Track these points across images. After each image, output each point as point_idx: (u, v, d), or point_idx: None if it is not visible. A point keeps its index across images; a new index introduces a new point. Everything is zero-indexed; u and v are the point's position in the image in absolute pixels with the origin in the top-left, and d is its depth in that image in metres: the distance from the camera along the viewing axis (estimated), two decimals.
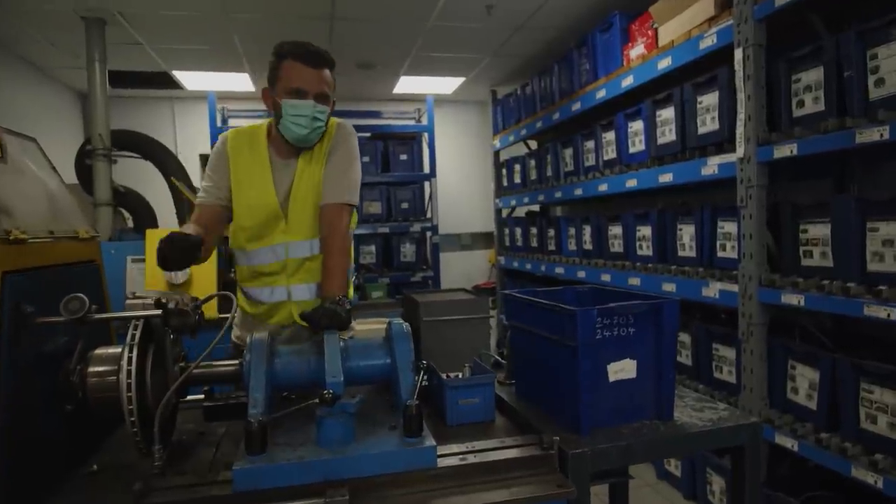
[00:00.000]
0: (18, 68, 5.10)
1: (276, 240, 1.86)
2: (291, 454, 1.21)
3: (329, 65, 1.83)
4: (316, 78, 1.79)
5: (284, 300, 1.90)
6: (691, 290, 2.97)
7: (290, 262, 1.87)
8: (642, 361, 1.49)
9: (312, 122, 1.78)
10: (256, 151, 1.88)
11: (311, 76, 1.78)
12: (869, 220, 2.11)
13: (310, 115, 1.76)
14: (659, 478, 3.48)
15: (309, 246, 1.89)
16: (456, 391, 1.53)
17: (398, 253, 5.90)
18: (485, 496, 1.21)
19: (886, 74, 2.04)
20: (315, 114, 1.77)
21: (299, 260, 1.88)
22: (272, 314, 1.93)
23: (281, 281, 1.88)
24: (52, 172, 1.75)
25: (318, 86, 1.78)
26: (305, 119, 1.76)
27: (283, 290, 1.89)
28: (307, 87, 1.77)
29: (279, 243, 1.86)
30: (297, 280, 1.89)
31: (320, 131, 1.83)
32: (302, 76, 1.77)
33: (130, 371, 1.24)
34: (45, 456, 1.29)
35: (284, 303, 1.90)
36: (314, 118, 1.77)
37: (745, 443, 1.51)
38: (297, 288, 1.89)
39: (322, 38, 4.82)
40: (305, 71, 1.78)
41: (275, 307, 1.91)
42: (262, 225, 1.86)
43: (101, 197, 3.85)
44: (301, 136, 1.79)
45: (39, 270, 1.39)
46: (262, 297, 1.91)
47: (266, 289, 1.90)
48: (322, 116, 1.80)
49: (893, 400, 2.04)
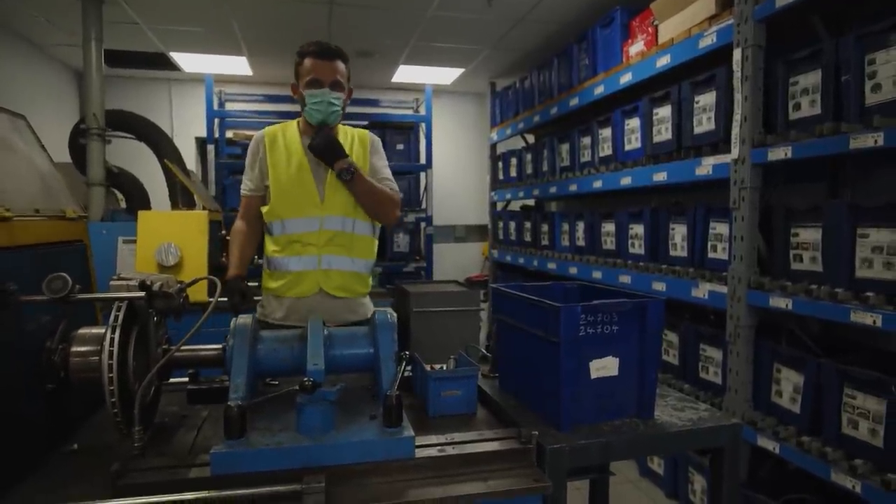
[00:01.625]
0: (15, 45, 5.04)
1: (312, 213, 2.09)
2: (270, 440, 1.22)
3: (341, 57, 2.11)
4: (329, 69, 2.06)
5: (312, 269, 2.09)
6: (681, 290, 2.97)
7: (323, 233, 2.09)
8: (625, 360, 1.50)
9: (328, 107, 2.05)
10: (290, 139, 2.16)
11: (324, 68, 2.06)
12: (859, 227, 2.12)
13: (326, 100, 2.05)
14: (641, 475, 3.50)
15: (341, 221, 2.11)
16: (439, 383, 1.54)
17: (392, 243, 5.90)
18: (461, 488, 1.21)
19: (883, 80, 2.03)
20: (330, 99, 2.05)
21: (332, 232, 2.10)
22: (294, 285, 2.10)
23: (312, 250, 2.09)
24: (40, 150, 1.74)
25: (331, 75, 2.06)
26: (322, 104, 2.05)
27: (312, 260, 2.09)
28: (322, 78, 2.05)
29: (315, 216, 2.09)
30: (328, 251, 2.10)
31: (337, 114, 2.10)
32: (317, 69, 2.06)
33: (112, 352, 1.24)
34: (25, 434, 1.29)
35: (311, 272, 2.09)
36: (330, 103, 2.05)
37: (724, 443, 1.51)
38: (327, 258, 2.10)
39: (321, 24, 4.79)
40: (320, 64, 2.06)
41: (300, 276, 2.10)
42: (299, 198, 2.09)
43: (95, 177, 3.81)
44: (321, 119, 2.06)
45: (24, 249, 1.38)
46: (290, 266, 2.10)
47: (294, 257, 2.10)
48: (337, 101, 2.07)
49: (875, 406, 2.05)
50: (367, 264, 2.22)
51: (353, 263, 2.15)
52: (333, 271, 2.10)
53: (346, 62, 2.12)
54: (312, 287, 2.09)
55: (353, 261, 2.15)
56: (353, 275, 2.16)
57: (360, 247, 2.17)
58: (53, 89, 5.82)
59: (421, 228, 6.17)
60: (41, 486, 1.20)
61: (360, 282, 2.20)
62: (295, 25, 4.80)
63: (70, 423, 1.49)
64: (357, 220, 2.14)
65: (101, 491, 1.14)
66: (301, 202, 2.08)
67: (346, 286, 2.13)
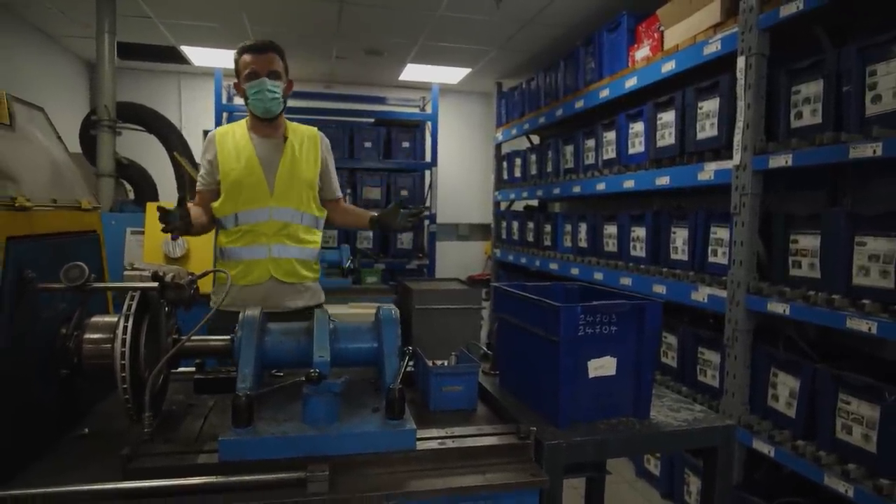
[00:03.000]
0: (28, 35, 5.10)
1: (263, 203, 2.20)
2: (276, 429, 1.26)
3: (275, 50, 2.21)
4: (264, 60, 2.17)
5: (263, 258, 2.21)
6: (681, 294, 3.01)
7: (273, 224, 2.21)
8: (622, 360, 1.53)
9: (268, 94, 2.16)
10: (239, 135, 2.27)
11: (259, 60, 2.17)
12: (857, 235, 2.15)
13: (263, 88, 2.15)
14: (638, 476, 3.54)
15: (290, 213, 2.24)
16: (440, 378, 1.58)
17: (395, 240, 5.93)
18: (460, 480, 1.25)
19: (883, 91, 2.06)
20: (268, 87, 2.15)
21: (281, 223, 2.22)
22: (246, 273, 2.21)
23: (262, 240, 2.21)
24: (57, 142, 1.78)
25: (266, 66, 2.17)
26: (261, 93, 2.15)
27: (263, 249, 2.21)
28: (258, 69, 2.16)
29: (265, 206, 2.21)
30: (277, 241, 2.22)
31: (278, 102, 2.19)
32: (253, 62, 2.17)
33: (125, 340, 1.27)
34: (40, 417, 1.33)
35: (261, 261, 2.21)
36: (268, 90, 2.16)
37: (717, 444, 1.55)
38: (277, 247, 2.23)
39: (331, 21, 4.83)
40: (255, 58, 2.18)
41: (251, 265, 2.21)
42: (250, 190, 2.19)
43: (104, 168, 3.87)
44: (263, 108, 2.18)
45: (42, 238, 1.42)
46: (242, 255, 2.22)
47: (246, 247, 2.21)
48: (275, 89, 2.17)
49: (869, 412, 2.09)
50: (313, 252, 2.35)
51: (301, 252, 2.29)
52: (283, 259, 2.23)
53: (281, 56, 2.22)
54: (264, 275, 2.21)
55: (301, 249, 2.28)
56: (302, 262, 2.29)
57: (307, 237, 2.31)
58: (65, 80, 5.88)
59: (424, 226, 6.21)
60: (54, 468, 1.24)
61: (308, 268, 2.33)
62: (305, 22, 4.84)
63: (81, 408, 1.53)
64: (305, 214, 2.28)
65: (111, 474, 1.18)
66: (252, 194, 2.20)
67: (294, 272, 2.26)
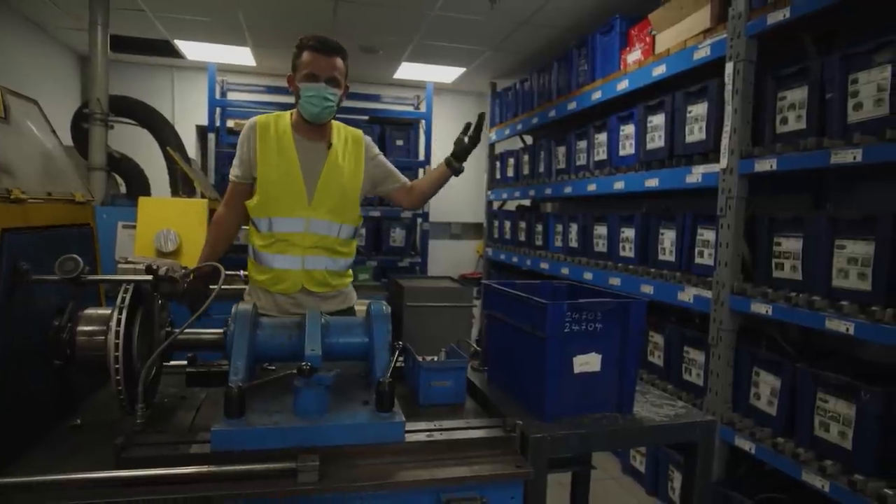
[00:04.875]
0: (20, 26, 5.07)
1: (299, 213, 2.09)
2: (268, 420, 1.28)
3: (340, 53, 2.09)
4: (327, 64, 2.05)
5: (296, 269, 2.10)
6: (668, 294, 3.06)
7: (308, 236, 2.10)
8: (607, 356, 1.57)
9: (323, 102, 2.04)
10: (281, 131, 2.13)
11: (323, 63, 2.04)
12: (838, 238, 2.20)
13: (321, 95, 2.03)
14: (624, 472, 3.59)
15: (327, 226, 2.12)
16: (429, 373, 1.61)
17: (388, 237, 5.96)
18: (447, 471, 1.28)
19: (865, 99, 2.11)
20: (325, 94, 2.04)
21: (317, 236, 2.11)
22: (277, 282, 2.12)
23: (296, 251, 2.10)
24: (51, 135, 1.79)
25: (328, 71, 2.05)
26: (317, 98, 2.04)
27: (297, 260, 2.10)
28: (319, 72, 2.04)
29: (302, 217, 2.09)
30: (312, 252, 2.11)
31: (331, 110, 2.09)
32: (315, 63, 2.04)
33: (119, 332, 1.29)
34: (33, 407, 1.35)
35: (294, 271, 2.10)
36: (324, 98, 2.04)
37: (698, 439, 1.59)
38: (311, 259, 2.12)
39: (326, 19, 4.84)
40: (318, 59, 2.05)
41: (282, 274, 2.11)
42: (287, 198, 2.08)
43: (96, 161, 3.86)
44: (315, 114, 2.06)
45: (36, 230, 1.44)
46: (273, 263, 2.11)
47: (279, 255, 2.10)
48: (332, 97, 2.06)
49: (846, 410, 2.14)
50: (347, 263, 2.26)
51: (335, 263, 2.18)
52: (316, 271, 2.13)
53: (345, 59, 2.11)
54: (295, 285, 2.11)
55: (335, 261, 2.18)
56: (335, 273, 2.20)
57: (343, 249, 2.20)
58: (56, 72, 5.85)
59: (417, 224, 6.24)
60: (47, 457, 1.26)
61: (341, 277, 2.24)
62: (300, 18, 4.85)
63: (74, 399, 1.55)
64: (343, 225, 2.17)
65: (104, 463, 1.19)
66: (289, 202, 2.08)
67: (326, 282, 2.17)
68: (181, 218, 3.15)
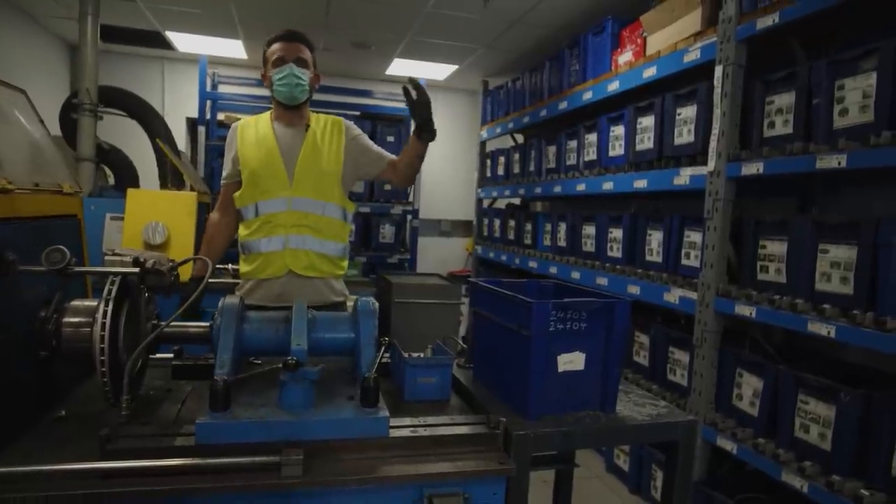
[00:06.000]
0: (9, 15, 5.01)
1: (282, 194, 2.15)
2: (253, 413, 1.29)
3: (306, 42, 2.21)
4: (292, 48, 2.16)
5: (280, 250, 2.14)
6: (654, 295, 3.09)
7: (291, 214, 2.14)
8: (591, 355, 1.59)
9: (293, 79, 2.14)
10: (262, 125, 2.25)
11: (287, 47, 2.16)
12: (821, 242, 2.23)
13: (291, 73, 2.13)
14: (607, 471, 3.62)
15: (311, 203, 2.17)
16: (415, 369, 1.61)
17: (377, 233, 5.96)
18: (431, 466, 1.29)
19: (850, 105, 2.14)
20: (295, 72, 2.13)
21: (301, 213, 2.15)
22: (265, 267, 2.15)
23: (280, 231, 2.14)
24: (39, 125, 1.78)
25: (294, 53, 2.15)
26: (289, 77, 2.13)
27: (280, 240, 2.14)
28: (286, 55, 2.15)
29: (283, 197, 2.15)
30: (296, 231, 2.15)
31: (303, 89, 2.17)
32: (281, 49, 2.16)
33: (105, 324, 1.29)
34: (18, 398, 1.34)
35: (279, 252, 2.14)
36: (295, 75, 2.13)
37: (679, 439, 1.61)
38: (295, 238, 2.15)
39: (319, 14, 4.83)
40: (284, 45, 2.17)
41: (269, 257, 2.15)
42: (269, 180, 2.15)
43: (85, 152, 3.83)
44: (287, 94, 2.16)
45: (23, 221, 1.44)
46: (259, 247, 2.16)
47: (264, 238, 2.15)
48: (302, 76, 2.15)
49: (826, 412, 2.18)
50: (337, 247, 2.24)
51: (322, 245, 2.18)
52: (301, 251, 2.14)
53: (311, 49, 2.21)
54: (281, 268, 2.13)
55: (322, 242, 2.18)
56: (322, 256, 2.19)
57: (329, 229, 2.20)
58: (45, 62, 5.78)
59: (407, 221, 6.24)
60: (32, 448, 1.26)
61: (331, 263, 2.23)
62: (293, 12, 4.83)
63: (59, 390, 1.55)
64: (328, 203, 2.19)
65: (89, 455, 1.19)
66: (271, 184, 2.15)
67: (314, 266, 2.16)
68: (170, 211, 3.13)
